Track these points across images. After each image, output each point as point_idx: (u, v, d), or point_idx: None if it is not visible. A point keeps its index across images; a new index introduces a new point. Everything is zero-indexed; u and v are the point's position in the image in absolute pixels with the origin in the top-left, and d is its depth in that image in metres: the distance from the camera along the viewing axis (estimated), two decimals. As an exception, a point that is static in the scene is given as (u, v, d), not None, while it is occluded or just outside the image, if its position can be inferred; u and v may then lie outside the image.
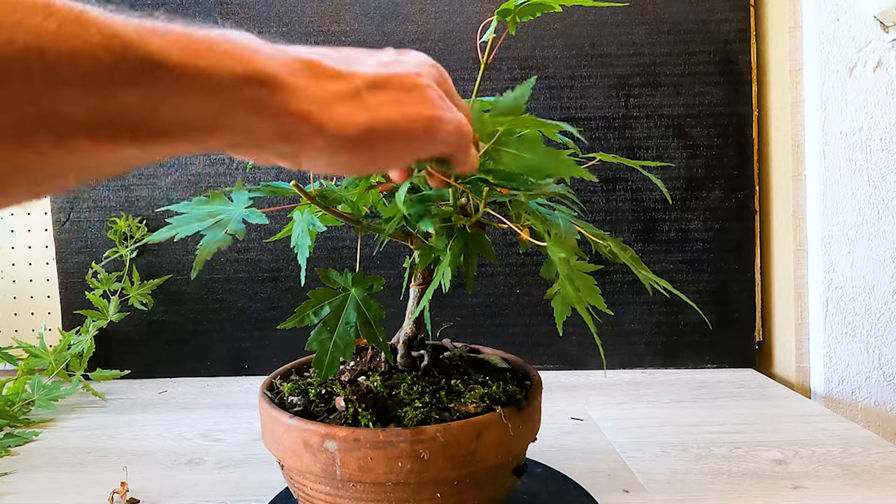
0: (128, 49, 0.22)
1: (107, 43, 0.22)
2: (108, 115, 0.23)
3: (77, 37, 0.21)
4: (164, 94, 0.23)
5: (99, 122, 0.23)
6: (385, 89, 0.30)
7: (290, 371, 0.56)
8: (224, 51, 0.25)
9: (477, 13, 0.95)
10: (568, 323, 0.41)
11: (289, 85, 0.26)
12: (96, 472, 0.65)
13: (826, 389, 0.87)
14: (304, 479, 0.46)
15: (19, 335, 1.00)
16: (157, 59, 0.23)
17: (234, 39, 0.26)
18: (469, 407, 0.46)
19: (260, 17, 0.96)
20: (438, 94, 0.32)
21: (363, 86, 0.29)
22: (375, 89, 0.29)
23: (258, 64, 0.25)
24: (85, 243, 0.97)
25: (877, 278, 0.86)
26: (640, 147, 0.96)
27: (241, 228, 0.46)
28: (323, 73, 0.28)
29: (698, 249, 0.97)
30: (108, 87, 0.22)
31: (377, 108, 0.29)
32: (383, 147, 0.30)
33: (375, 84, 0.29)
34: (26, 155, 0.22)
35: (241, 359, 0.98)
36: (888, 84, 0.85)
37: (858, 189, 0.86)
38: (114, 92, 0.22)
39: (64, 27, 0.21)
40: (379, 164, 0.31)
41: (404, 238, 0.49)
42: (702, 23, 0.95)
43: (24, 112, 0.21)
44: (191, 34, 0.24)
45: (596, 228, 0.44)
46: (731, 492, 0.59)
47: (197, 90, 0.24)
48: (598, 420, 0.77)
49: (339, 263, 0.97)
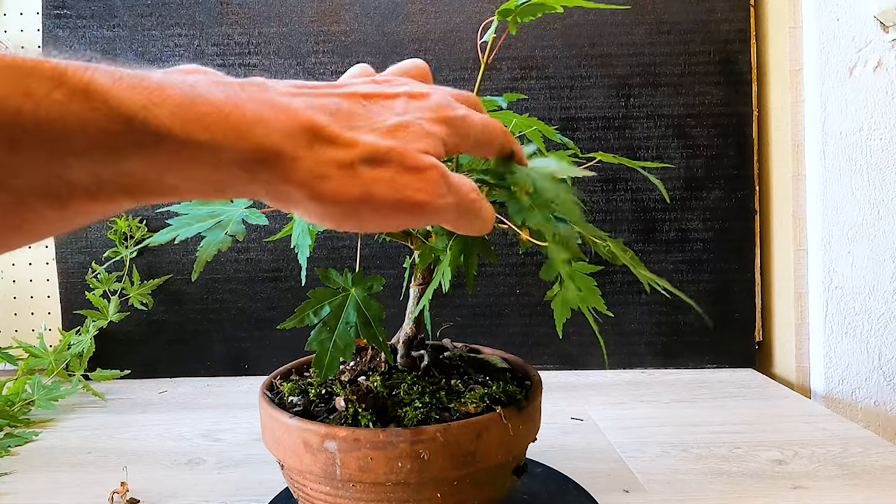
0: (134, 121, 0.22)
1: (114, 115, 0.22)
2: (111, 180, 0.23)
3: (85, 109, 0.21)
4: (167, 163, 0.24)
5: (101, 185, 0.23)
6: (383, 165, 0.29)
7: (290, 371, 0.56)
8: (228, 125, 0.25)
9: (477, 13, 0.95)
10: (568, 323, 0.41)
11: (290, 157, 0.27)
12: (96, 472, 0.65)
13: (826, 389, 0.88)
14: (304, 479, 0.46)
15: (19, 335, 1.00)
16: (162, 133, 0.23)
17: (242, 104, 0.26)
18: (469, 407, 0.46)
19: (260, 17, 0.96)
20: (441, 173, 0.31)
21: (361, 157, 0.28)
22: (373, 163, 0.29)
23: (259, 139, 0.26)
24: (85, 243, 0.97)
25: (877, 278, 0.86)
26: (640, 147, 0.96)
27: (241, 229, 0.46)
28: (323, 139, 0.28)
29: (698, 249, 0.97)
30: (113, 155, 0.23)
31: (370, 185, 0.29)
32: (369, 220, 0.30)
33: (374, 157, 0.29)
34: (23, 215, 0.22)
35: (241, 359, 0.98)
36: (888, 84, 0.85)
37: (858, 189, 0.86)
38: (118, 160, 0.23)
39: (73, 99, 0.21)
40: (366, 230, 0.31)
41: (404, 238, 0.49)
42: (702, 23, 0.95)
43: (29, 179, 0.22)
44: (198, 104, 0.24)
45: (596, 229, 0.44)
46: (731, 492, 0.59)
47: (199, 162, 0.25)
48: (598, 420, 0.77)
49: (339, 263, 0.97)
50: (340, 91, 0.31)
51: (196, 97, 0.24)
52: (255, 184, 0.27)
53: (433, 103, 0.33)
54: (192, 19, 0.96)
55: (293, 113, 0.27)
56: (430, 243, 0.47)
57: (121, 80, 0.22)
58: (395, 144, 0.30)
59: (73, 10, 0.96)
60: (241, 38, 0.96)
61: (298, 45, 0.96)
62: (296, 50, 0.96)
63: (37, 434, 0.75)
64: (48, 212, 0.23)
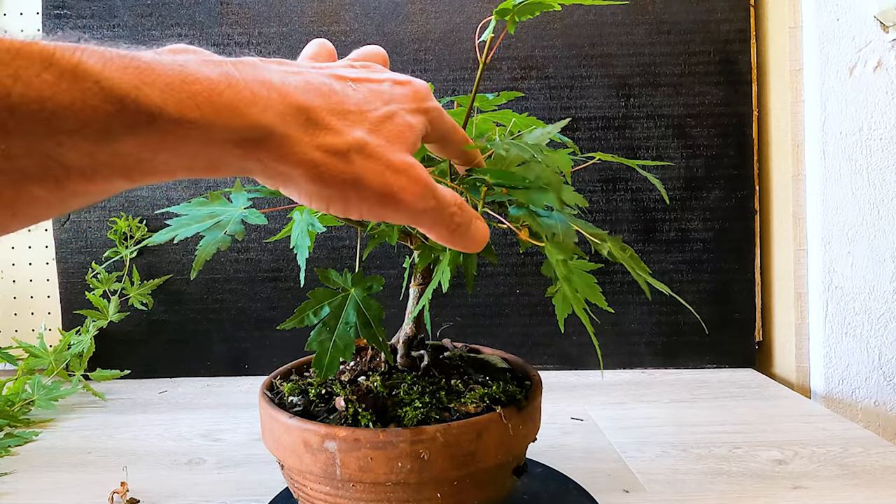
0: (126, 101, 0.22)
1: (105, 95, 0.22)
2: (106, 161, 0.23)
3: (75, 89, 0.21)
4: (160, 142, 0.24)
5: (95, 166, 0.23)
6: (371, 158, 0.30)
7: (290, 371, 0.56)
8: (222, 103, 0.25)
9: (477, 13, 0.95)
10: (568, 323, 0.41)
11: (283, 136, 0.27)
12: (96, 472, 0.65)
13: (826, 389, 0.87)
14: (304, 479, 0.46)
15: (19, 335, 1.00)
16: (154, 112, 0.23)
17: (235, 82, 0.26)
18: (469, 407, 0.46)
19: (260, 17, 0.96)
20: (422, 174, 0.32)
21: (353, 147, 0.29)
22: (362, 154, 0.30)
23: (255, 117, 0.26)
24: (85, 243, 0.97)
25: (877, 278, 0.86)
26: (640, 147, 0.96)
27: (240, 229, 0.46)
28: (317, 124, 0.28)
29: (698, 249, 0.97)
30: (106, 136, 0.23)
31: (362, 171, 0.30)
32: (355, 205, 0.31)
33: (364, 150, 0.30)
34: (18, 196, 0.22)
35: (241, 359, 0.98)
36: (888, 84, 0.85)
37: (858, 189, 0.86)
38: (111, 141, 0.23)
39: (63, 79, 0.21)
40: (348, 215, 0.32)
41: (404, 238, 0.49)
42: (702, 23, 0.95)
43: (24, 160, 0.22)
44: (190, 83, 0.24)
45: (595, 228, 0.44)
46: (731, 492, 0.59)
47: (193, 141, 0.25)
48: (598, 420, 0.77)
49: (339, 263, 0.97)
50: (330, 72, 0.32)
51: (187, 76, 0.24)
52: (248, 161, 0.27)
53: (414, 92, 0.34)
54: (192, 19, 0.96)
55: (286, 93, 0.28)
56: (430, 243, 0.47)
57: (111, 60, 0.22)
58: (383, 142, 0.31)
59: (73, 10, 0.96)
60: (241, 38, 0.96)
61: (298, 45, 0.96)
62: (296, 50, 0.96)
63: (37, 434, 0.75)
64: (43, 194, 0.23)
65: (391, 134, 0.32)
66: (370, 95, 0.32)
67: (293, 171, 0.28)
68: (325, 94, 0.30)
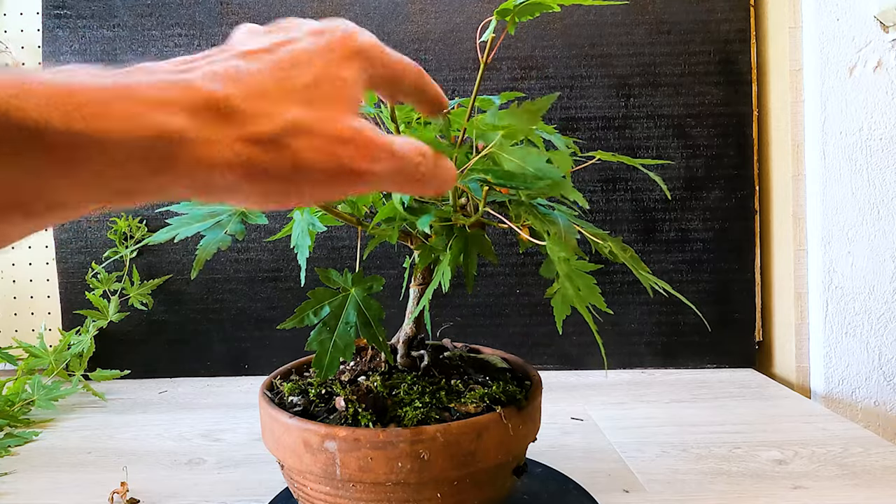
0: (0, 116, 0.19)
1: None
2: None
3: None
4: (52, 165, 0.20)
5: None
6: (308, 135, 0.26)
7: (290, 371, 0.56)
8: (115, 113, 0.21)
9: (477, 13, 0.95)
10: (568, 323, 0.41)
11: (194, 139, 0.23)
12: (96, 472, 0.65)
13: (826, 389, 0.87)
14: (304, 479, 0.46)
15: (19, 335, 1.00)
16: (37, 127, 0.20)
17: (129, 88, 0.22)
18: (469, 407, 0.46)
19: (260, 17, 0.96)
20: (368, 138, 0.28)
21: (283, 130, 0.25)
22: (297, 134, 0.26)
23: (155, 123, 0.22)
24: (85, 243, 0.97)
25: (877, 278, 0.86)
26: (640, 147, 0.96)
27: (240, 229, 0.46)
28: (233, 115, 0.24)
29: (698, 249, 0.97)
30: None
31: (301, 154, 0.26)
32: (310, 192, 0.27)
33: (297, 129, 0.26)
34: None
35: (241, 359, 0.98)
36: (888, 84, 0.85)
37: (858, 189, 0.86)
38: None
39: None
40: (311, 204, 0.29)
41: (404, 238, 0.49)
42: (702, 23, 0.95)
43: None
44: (76, 93, 0.21)
45: (596, 228, 0.44)
46: (731, 492, 0.59)
47: (91, 161, 0.21)
48: (598, 420, 0.77)
49: (339, 263, 0.97)
50: (236, 51, 0.27)
51: (73, 85, 0.21)
52: (162, 176, 0.23)
53: (337, 38, 0.30)
54: (192, 19, 0.96)
55: (188, 86, 0.24)
56: (430, 243, 0.46)
57: None
58: (316, 115, 0.27)
59: (73, 10, 0.96)
60: (241, 38, 0.96)
61: (298, 45, 0.96)
62: (296, 50, 0.96)
63: (37, 434, 0.75)
64: None
65: (324, 99, 0.27)
66: (287, 62, 0.27)
67: (221, 177, 0.24)
68: (234, 78, 0.25)
